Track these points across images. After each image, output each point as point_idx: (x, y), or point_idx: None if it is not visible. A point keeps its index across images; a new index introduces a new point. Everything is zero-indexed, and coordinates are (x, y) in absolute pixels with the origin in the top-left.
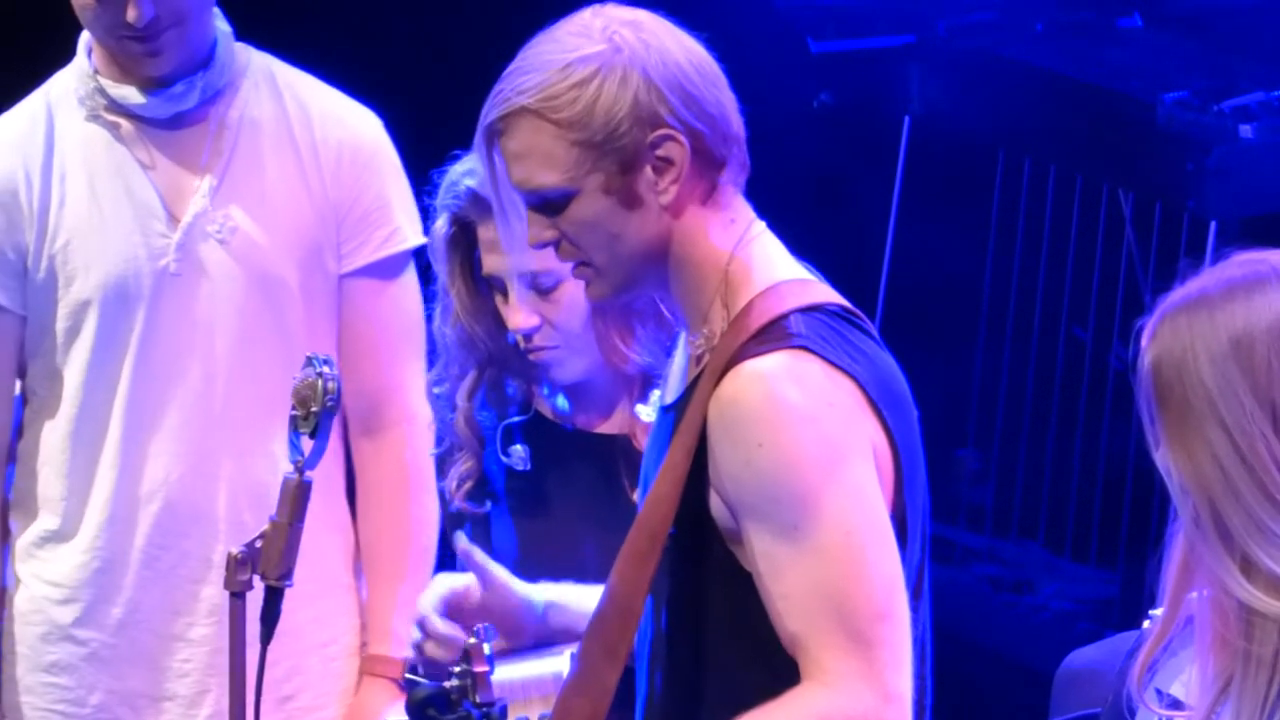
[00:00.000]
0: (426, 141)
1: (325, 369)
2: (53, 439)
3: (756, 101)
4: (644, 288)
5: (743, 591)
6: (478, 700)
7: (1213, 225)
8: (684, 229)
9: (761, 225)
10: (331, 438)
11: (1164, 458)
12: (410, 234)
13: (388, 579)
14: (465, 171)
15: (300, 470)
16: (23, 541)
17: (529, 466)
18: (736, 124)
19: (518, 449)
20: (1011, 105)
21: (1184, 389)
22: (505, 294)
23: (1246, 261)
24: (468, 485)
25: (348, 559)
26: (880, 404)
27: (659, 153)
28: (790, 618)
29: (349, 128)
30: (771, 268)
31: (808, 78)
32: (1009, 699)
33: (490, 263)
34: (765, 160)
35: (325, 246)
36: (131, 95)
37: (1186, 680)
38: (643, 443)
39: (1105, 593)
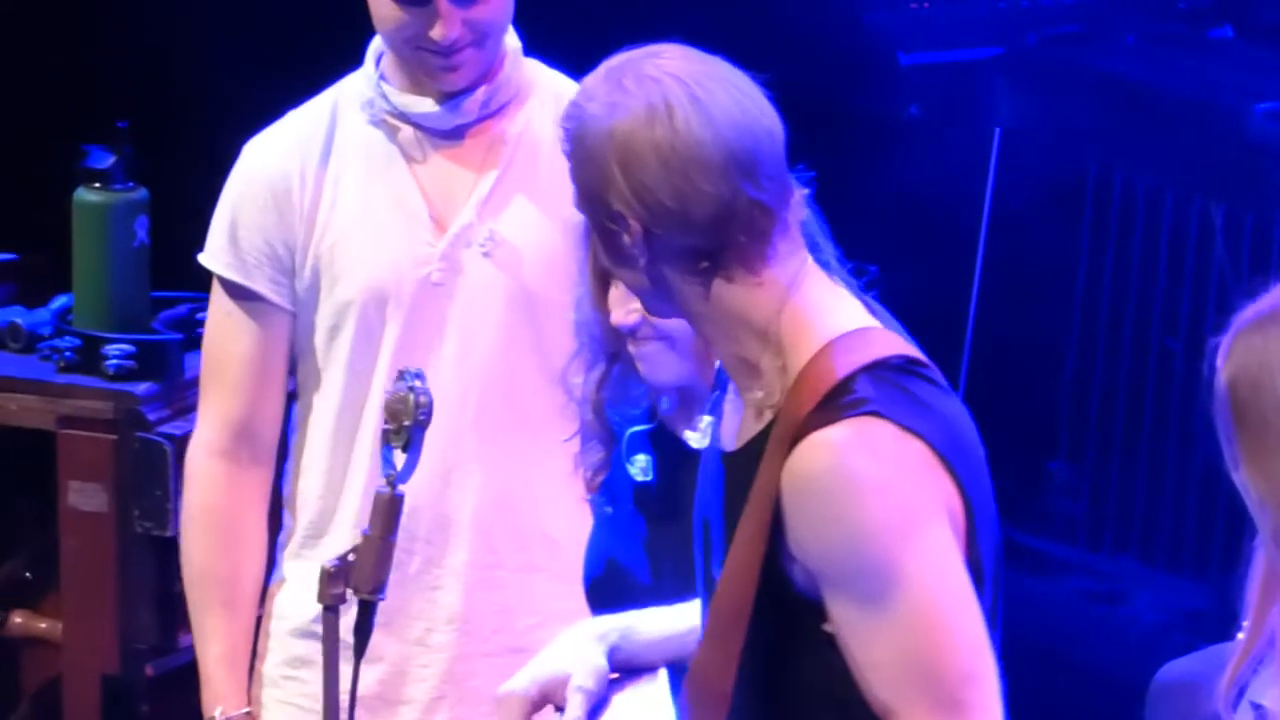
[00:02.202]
0: None
1: (417, 383)
2: (316, 436)
3: (846, 114)
4: (679, 319)
5: (831, 659)
6: None
7: None
8: (690, 293)
9: (806, 271)
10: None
11: (1242, 476)
12: None
13: None
14: None
15: (393, 484)
16: (295, 538)
17: (652, 477)
18: (724, 209)
19: (641, 458)
20: (1102, 117)
21: (1260, 406)
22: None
23: None
24: (600, 477)
25: None
26: (951, 458)
27: (616, 226)
28: (880, 686)
29: None
30: (824, 319)
31: (897, 90)
32: (1103, 712)
33: None
34: (855, 173)
35: None
36: (415, 104)
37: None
38: None
39: (1200, 604)
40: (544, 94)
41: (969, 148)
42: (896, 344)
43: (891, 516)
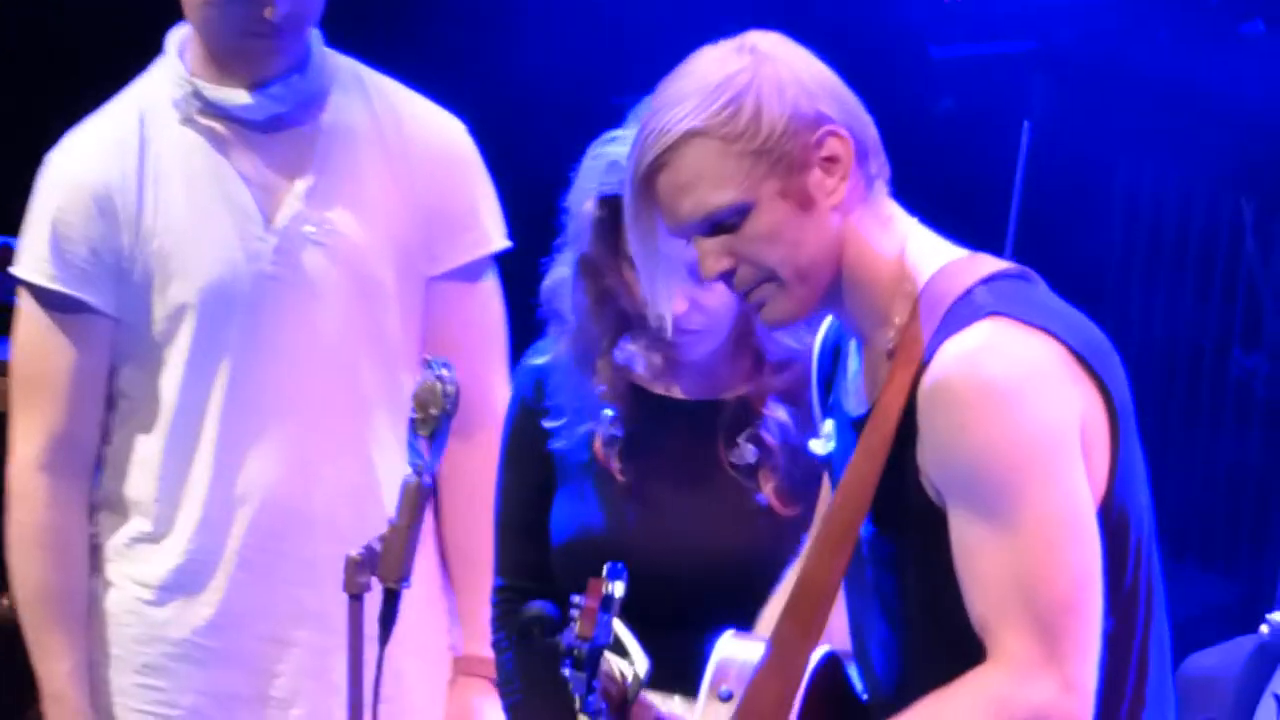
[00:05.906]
0: (500, 144)
1: (444, 372)
2: (146, 441)
3: (877, 107)
4: (825, 303)
5: (945, 575)
6: (578, 633)
7: None
8: (853, 230)
9: (912, 218)
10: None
11: None
12: (496, 237)
13: (482, 579)
14: (625, 154)
15: (420, 473)
16: (113, 543)
17: (621, 431)
18: (872, 125)
19: (607, 413)
20: (1132, 112)
21: None
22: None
23: None
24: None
25: (434, 561)
26: (1088, 358)
27: (824, 152)
28: (980, 600)
29: (438, 132)
30: (937, 253)
31: (928, 83)
32: None
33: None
34: (887, 166)
35: (417, 249)
36: (232, 96)
37: None
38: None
39: (1227, 598)
40: (347, 80)
41: (999, 141)
42: (1008, 264)
43: (1019, 429)
